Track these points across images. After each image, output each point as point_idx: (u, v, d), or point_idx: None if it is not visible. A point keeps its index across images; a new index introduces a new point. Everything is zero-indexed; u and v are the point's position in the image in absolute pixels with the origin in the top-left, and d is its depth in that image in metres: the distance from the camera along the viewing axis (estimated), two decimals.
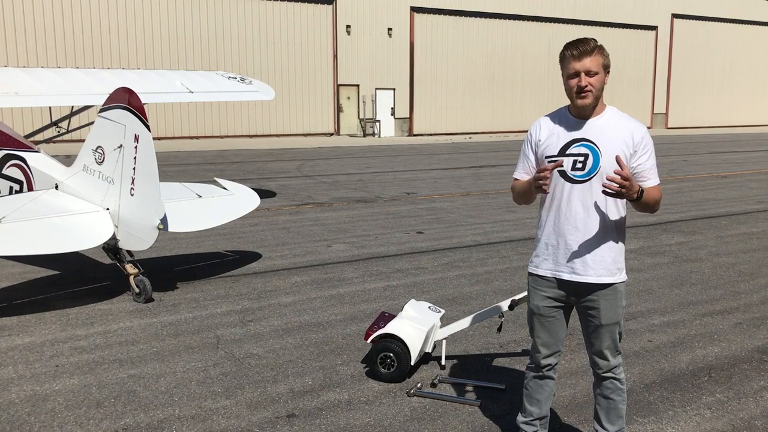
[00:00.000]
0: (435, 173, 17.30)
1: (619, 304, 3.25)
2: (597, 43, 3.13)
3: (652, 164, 3.17)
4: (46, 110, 9.66)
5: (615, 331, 3.27)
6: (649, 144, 3.17)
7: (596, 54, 3.09)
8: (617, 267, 3.23)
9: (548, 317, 3.35)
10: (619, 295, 3.24)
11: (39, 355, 5.03)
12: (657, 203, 3.21)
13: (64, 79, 9.25)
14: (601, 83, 3.13)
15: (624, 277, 3.27)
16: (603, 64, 3.12)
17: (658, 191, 3.20)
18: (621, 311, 3.27)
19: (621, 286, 3.25)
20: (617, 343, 3.31)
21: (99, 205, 6.35)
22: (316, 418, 4.04)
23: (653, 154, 3.19)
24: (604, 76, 3.13)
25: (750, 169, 18.60)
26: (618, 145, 3.11)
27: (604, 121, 3.17)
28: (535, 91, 36.07)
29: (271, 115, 29.29)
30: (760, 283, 7.09)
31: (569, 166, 3.17)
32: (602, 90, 3.15)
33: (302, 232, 9.66)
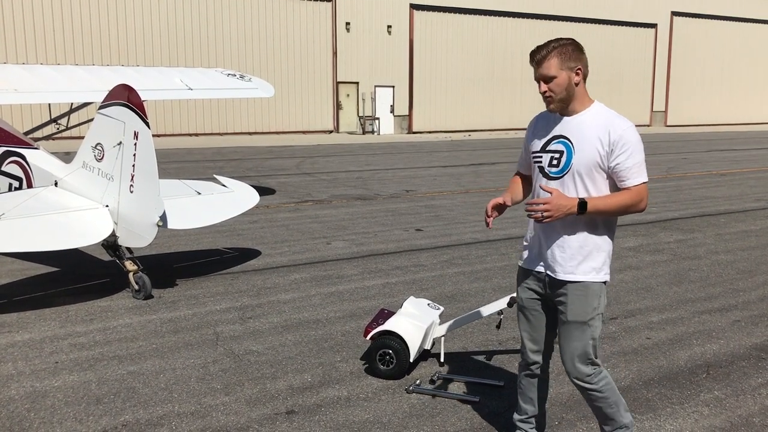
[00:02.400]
0: (434, 171, 17.30)
1: (589, 303, 3.12)
2: (556, 45, 3.08)
3: (631, 164, 3.01)
4: (45, 107, 9.65)
5: (584, 334, 3.14)
6: (629, 143, 3.01)
7: (552, 58, 3.05)
8: (592, 266, 3.13)
9: (531, 310, 3.35)
10: (590, 294, 3.12)
11: (38, 351, 5.03)
12: (624, 209, 3.06)
13: (64, 76, 9.25)
14: (563, 86, 3.07)
15: (601, 277, 3.14)
16: (563, 67, 3.06)
17: (628, 197, 3.04)
18: (592, 312, 3.13)
19: (595, 286, 3.13)
20: (588, 352, 3.15)
21: (98, 202, 6.35)
22: (315, 415, 4.05)
23: (635, 153, 3.02)
24: (567, 75, 3.06)
25: (749, 167, 18.61)
26: (592, 142, 3.05)
27: (584, 118, 3.11)
28: (535, 88, 35.76)
29: (271, 112, 29.27)
30: (759, 280, 7.11)
31: (546, 163, 3.18)
32: (571, 89, 3.08)
33: (301, 229, 9.66)
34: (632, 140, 3.03)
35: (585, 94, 3.13)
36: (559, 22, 36.13)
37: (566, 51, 3.07)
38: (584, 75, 3.11)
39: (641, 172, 3.04)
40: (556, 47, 3.07)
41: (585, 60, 3.11)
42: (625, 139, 3.02)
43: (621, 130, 3.03)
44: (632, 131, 3.06)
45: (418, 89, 33.04)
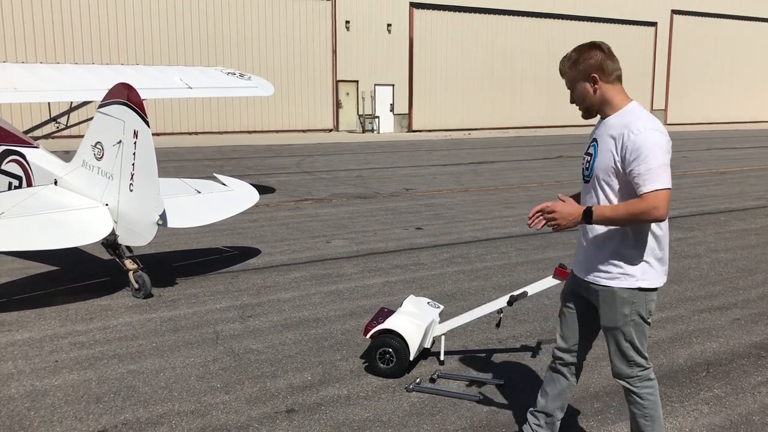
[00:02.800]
0: (434, 169, 17.30)
1: (619, 310, 3.08)
2: (566, 61, 3.11)
3: (643, 170, 2.87)
4: (45, 106, 9.65)
5: (619, 338, 3.13)
6: (641, 147, 2.88)
7: (567, 72, 3.12)
8: (620, 271, 3.06)
9: (566, 308, 3.39)
10: (619, 301, 3.07)
11: (38, 350, 5.03)
12: (635, 218, 2.92)
13: (63, 75, 9.25)
14: (582, 96, 3.10)
15: (629, 284, 3.04)
16: (575, 79, 3.09)
17: (640, 205, 2.89)
18: (622, 319, 3.08)
19: (624, 293, 3.05)
20: (625, 352, 3.14)
21: (98, 200, 6.35)
22: (315, 413, 4.05)
23: (648, 158, 2.87)
24: (584, 85, 3.07)
25: (749, 165, 18.61)
26: (609, 146, 3.01)
27: (611, 122, 3.06)
28: (535, 87, 36.04)
29: (271, 111, 29.25)
30: (759, 279, 7.11)
31: (582, 166, 3.23)
32: (590, 98, 3.08)
33: (301, 227, 9.66)
34: (645, 145, 2.89)
35: (616, 96, 3.07)
36: (558, 20, 36.12)
37: (578, 61, 3.06)
38: (609, 79, 3.05)
39: (655, 179, 2.87)
40: (571, 59, 3.09)
41: (608, 65, 3.04)
42: (637, 143, 2.90)
43: (634, 134, 2.92)
44: (648, 135, 2.91)
45: (418, 88, 33.02)
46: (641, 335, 3.13)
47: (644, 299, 3.07)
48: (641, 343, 3.14)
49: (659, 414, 3.23)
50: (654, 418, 3.21)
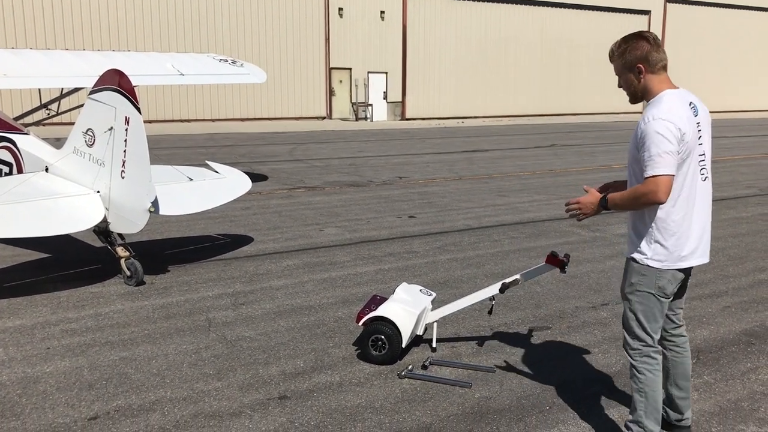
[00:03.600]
0: (427, 158, 17.29)
1: (628, 279, 3.38)
2: (621, 45, 3.33)
3: (646, 156, 3.11)
4: (35, 92, 9.56)
5: (626, 305, 3.42)
6: (646, 135, 3.12)
7: (615, 60, 3.36)
8: (637, 247, 3.33)
9: None
10: (630, 270, 3.37)
11: (30, 337, 5.02)
12: (636, 200, 3.20)
13: (54, 61, 9.17)
14: (627, 84, 3.34)
15: (641, 259, 3.31)
16: (625, 67, 3.31)
17: (641, 188, 3.16)
18: (629, 287, 3.37)
19: (635, 265, 3.34)
20: (628, 322, 3.40)
21: (90, 187, 6.32)
22: (308, 400, 4.06)
23: (650, 145, 3.10)
24: (629, 75, 3.31)
25: (740, 154, 18.68)
26: (634, 135, 3.26)
27: (644, 110, 3.29)
28: (528, 75, 36.01)
29: (263, 98, 29.13)
30: (749, 267, 7.15)
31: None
32: (635, 86, 3.32)
33: (294, 215, 9.65)
34: (649, 132, 3.12)
35: (657, 85, 3.28)
36: (552, 8, 36.06)
37: (626, 51, 3.29)
38: (652, 69, 3.26)
39: (653, 165, 3.10)
40: (619, 47, 3.33)
41: (653, 55, 3.25)
42: (645, 132, 3.14)
43: (645, 123, 3.16)
44: (654, 124, 3.12)
45: (412, 76, 32.94)
46: (648, 311, 3.32)
47: (654, 276, 3.29)
48: (647, 318, 3.33)
49: (654, 395, 3.34)
50: (647, 396, 3.33)
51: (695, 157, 3.24)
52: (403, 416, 3.88)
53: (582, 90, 36.75)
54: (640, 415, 3.35)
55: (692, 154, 3.21)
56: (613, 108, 35.12)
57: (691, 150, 3.19)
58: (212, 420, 3.81)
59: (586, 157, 17.11)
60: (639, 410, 3.35)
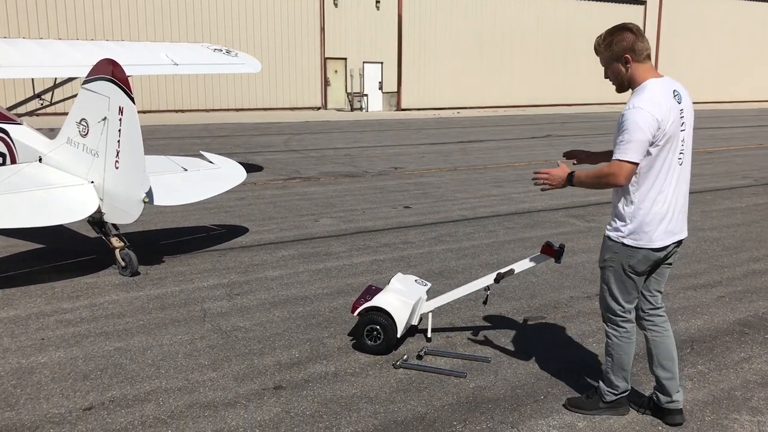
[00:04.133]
0: (423, 148, 17.27)
1: (602, 254, 3.62)
2: (599, 39, 3.49)
3: (617, 141, 3.33)
4: (28, 82, 9.51)
5: (601, 279, 3.67)
6: (622, 122, 3.32)
7: (601, 53, 3.49)
8: (614, 225, 3.53)
9: None
10: (605, 245, 3.60)
11: (24, 328, 5.01)
12: (599, 179, 3.41)
13: (47, 51, 9.11)
14: (614, 74, 3.48)
15: (613, 235, 3.52)
16: (609, 59, 3.44)
17: (605, 168, 3.39)
18: (602, 262, 3.62)
19: (610, 241, 3.56)
20: (602, 293, 3.68)
21: (84, 178, 6.30)
22: (303, 390, 4.07)
23: (623, 132, 3.30)
24: (616, 65, 3.44)
25: (736, 144, 18.71)
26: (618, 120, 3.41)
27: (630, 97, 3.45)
28: (525, 66, 35.93)
29: (258, 88, 29.02)
30: (744, 257, 7.17)
31: None
32: (621, 76, 3.45)
33: (289, 206, 9.64)
34: (628, 119, 3.30)
35: (642, 74, 3.41)
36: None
37: (612, 42, 3.42)
38: (638, 59, 3.39)
39: (622, 150, 3.31)
40: (605, 39, 3.45)
41: (638, 45, 3.38)
42: (624, 117, 3.33)
43: (625, 110, 3.35)
44: (634, 112, 3.28)
45: (407, 66, 32.84)
46: (621, 286, 3.56)
47: (626, 254, 3.49)
48: (619, 291, 3.57)
49: (619, 358, 3.65)
50: (614, 359, 3.66)
51: (676, 143, 3.39)
52: (398, 406, 3.88)
53: (578, 80, 36.70)
54: (608, 370, 3.71)
55: (672, 139, 3.36)
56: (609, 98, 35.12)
57: (671, 136, 3.34)
58: (207, 410, 3.81)
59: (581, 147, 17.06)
60: (607, 365, 3.72)
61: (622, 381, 3.70)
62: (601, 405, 3.75)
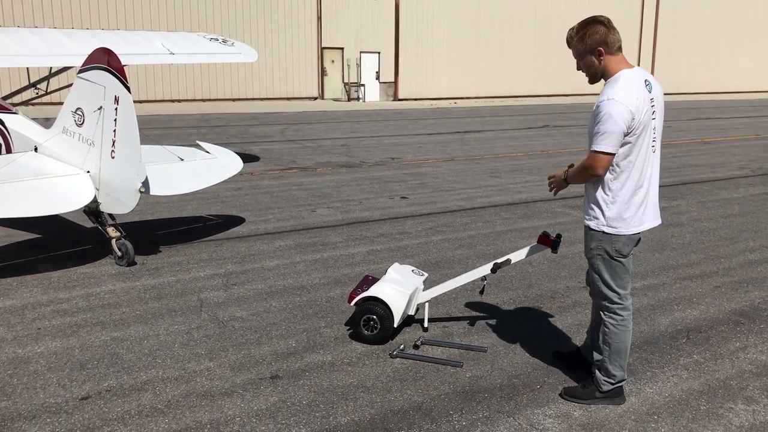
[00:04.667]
0: (420, 138, 17.24)
1: (587, 244, 3.69)
2: (572, 32, 3.55)
3: (595, 131, 3.41)
4: (23, 71, 9.45)
5: (590, 268, 3.73)
6: (598, 114, 3.39)
7: (574, 45, 3.55)
8: (594, 214, 3.62)
9: None
10: (588, 236, 3.67)
11: (20, 318, 5.00)
12: (581, 172, 3.56)
13: (42, 40, 9.04)
14: (587, 66, 3.56)
15: (593, 225, 3.61)
16: (583, 52, 3.52)
17: (584, 161, 3.52)
18: (589, 252, 3.69)
19: (590, 231, 3.65)
20: (595, 283, 3.72)
21: (79, 167, 6.27)
22: (300, 379, 4.07)
23: (599, 123, 3.38)
24: (590, 58, 3.51)
25: (733, 135, 18.71)
26: (593, 111, 3.50)
27: (603, 89, 3.53)
28: (522, 55, 35.85)
29: (254, 78, 28.93)
30: (740, 247, 7.19)
31: None
32: (595, 68, 3.54)
33: (286, 196, 9.62)
34: (601, 111, 3.39)
35: (615, 65, 3.51)
36: None
37: (585, 35, 3.48)
38: (610, 51, 3.48)
39: (597, 141, 3.41)
40: (578, 32, 3.51)
41: (610, 37, 3.47)
42: (599, 109, 3.42)
43: (600, 101, 3.43)
44: (607, 104, 3.37)
45: (404, 56, 32.75)
46: (612, 271, 3.64)
47: (609, 240, 3.58)
48: (612, 278, 3.64)
49: (618, 346, 3.69)
50: (611, 347, 3.69)
51: (649, 132, 3.51)
52: (394, 395, 3.89)
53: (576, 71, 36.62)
54: (605, 361, 3.73)
55: (646, 128, 3.47)
56: None
57: (645, 125, 3.45)
58: (204, 399, 3.82)
59: (578, 138, 17.06)
60: (604, 356, 3.73)
61: (619, 370, 3.72)
62: (597, 395, 3.76)
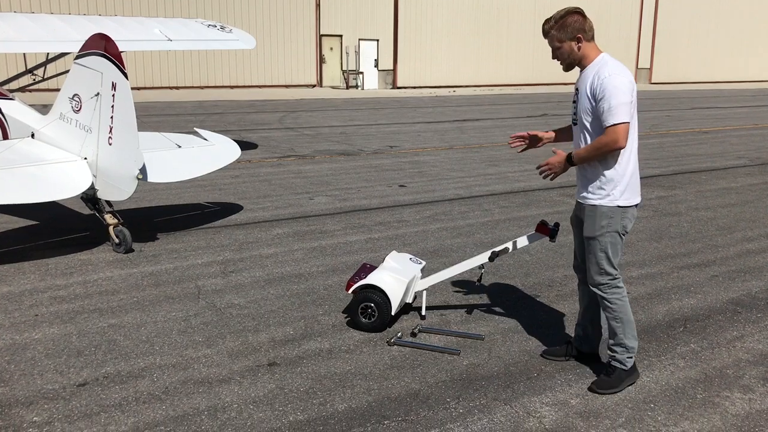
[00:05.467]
0: (418, 126, 17.21)
1: (598, 222, 3.68)
2: (551, 23, 3.66)
3: (606, 107, 3.47)
4: (20, 57, 9.41)
5: (596, 247, 3.72)
6: (606, 89, 3.47)
7: (553, 32, 3.66)
8: (603, 193, 3.66)
9: (575, 229, 3.99)
10: (599, 214, 3.67)
11: (18, 304, 5.00)
12: (599, 150, 3.56)
13: (39, 25, 8.99)
14: (566, 53, 3.67)
15: (606, 202, 3.65)
16: (565, 38, 3.63)
17: (603, 138, 3.52)
18: (600, 229, 3.69)
19: (603, 208, 3.66)
20: (599, 262, 3.73)
21: (77, 154, 6.25)
22: (297, 367, 4.08)
23: (610, 97, 3.45)
24: (569, 45, 3.65)
25: (732, 124, 18.69)
26: (586, 91, 3.60)
27: (587, 72, 3.66)
28: (521, 45, 35.73)
29: (252, 65, 28.83)
30: (737, 237, 7.19)
31: (572, 112, 3.81)
32: (574, 55, 3.66)
33: (284, 184, 9.61)
34: (609, 86, 3.47)
35: (591, 51, 3.66)
36: None
37: (565, 24, 3.62)
38: (587, 38, 3.63)
39: (614, 114, 3.47)
40: (557, 22, 3.63)
41: (587, 25, 3.64)
42: (603, 85, 3.49)
43: (602, 78, 3.52)
44: (613, 78, 3.49)
45: (403, 43, 32.63)
46: (614, 248, 3.72)
47: (619, 216, 3.68)
48: (614, 254, 3.73)
49: (628, 317, 3.80)
50: (623, 321, 3.78)
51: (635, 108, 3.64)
52: (391, 383, 3.90)
53: None
54: (621, 337, 3.79)
55: (635, 104, 3.60)
56: None
57: (635, 103, 3.59)
58: (201, 386, 3.82)
59: None
60: (619, 334, 3.79)
61: (633, 340, 3.82)
62: (623, 376, 3.83)
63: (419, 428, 3.43)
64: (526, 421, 3.52)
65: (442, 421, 3.50)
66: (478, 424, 3.47)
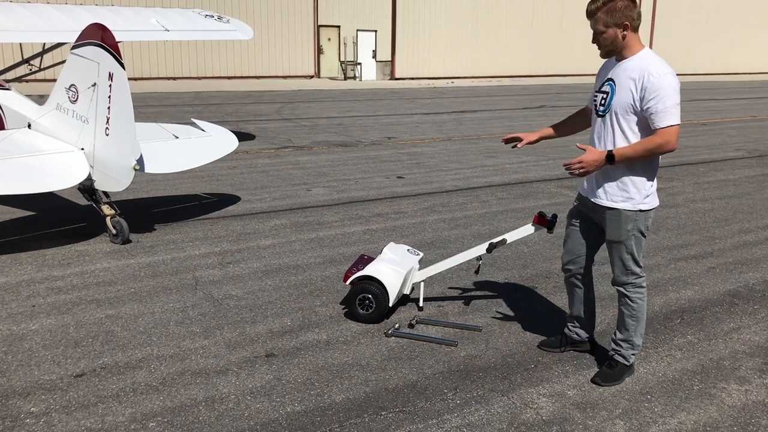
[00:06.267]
0: (416, 118, 17.17)
1: (623, 227, 3.60)
2: (598, 3, 3.44)
3: (661, 108, 3.32)
4: (16, 47, 9.36)
5: (621, 250, 3.66)
6: (660, 88, 3.31)
7: (600, 14, 3.44)
8: (625, 195, 3.57)
9: (571, 226, 3.95)
10: (624, 219, 3.58)
11: (15, 295, 4.99)
12: (650, 151, 3.42)
13: (35, 15, 8.93)
14: (609, 39, 3.46)
15: (631, 206, 3.56)
16: (611, 24, 3.42)
17: (655, 139, 3.38)
18: (626, 234, 3.60)
19: (628, 213, 3.57)
20: (625, 263, 3.68)
21: (74, 144, 6.23)
22: (295, 358, 4.08)
23: (665, 98, 3.31)
24: (614, 31, 3.43)
25: (730, 116, 18.68)
26: (628, 86, 3.42)
27: (629, 65, 3.47)
28: (519, 35, 35.64)
29: (250, 55, 28.72)
30: (735, 228, 7.20)
31: (598, 102, 3.64)
32: (617, 42, 3.46)
33: (281, 175, 9.59)
34: (663, 86, 3.32)
35: (635, 42, 3.47)
36: None
37: (614, 8, 3.41)
38: (634, 27, 3.44)
39: (669, 116, 3.33)
40: (605, 4, 3.42)
41: (635, 13, 3.43)
42: (656, 85, 3.32)
43: (654, 76, 3.34)
44: (666, 78, 3.33)
45: (401, 34, 32.51)
46: (639, 247, 3.67)
47: (643, 218, 3.61)
48: (639, 254, 3.68)
49: (644, 316, 3.81)
50: (639, 319, 3.79)
51: None
52: (389, 374, 3.90)
53: (573, 51, 36.47)
54: (631, 335, 3.80)
55: None
56: None
57: None
58: (199, 377, 3.82)
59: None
60: (631, 331, 3.79)
61: (641, 338, 3.85)
62: (624, 370, 3.86)
63: (416, 419, 3.44)
64: (523, 412, 3.53)
65: (440, 412, 3.51)
66: (475, 415, 3.48)
